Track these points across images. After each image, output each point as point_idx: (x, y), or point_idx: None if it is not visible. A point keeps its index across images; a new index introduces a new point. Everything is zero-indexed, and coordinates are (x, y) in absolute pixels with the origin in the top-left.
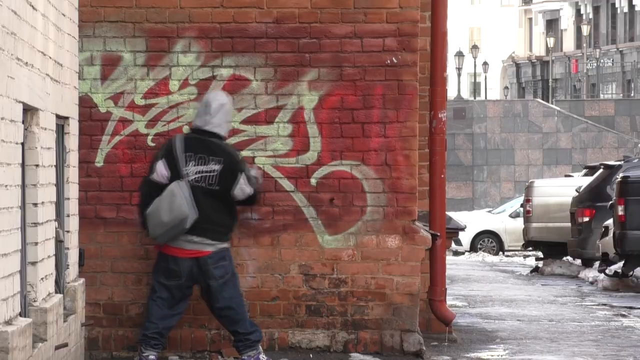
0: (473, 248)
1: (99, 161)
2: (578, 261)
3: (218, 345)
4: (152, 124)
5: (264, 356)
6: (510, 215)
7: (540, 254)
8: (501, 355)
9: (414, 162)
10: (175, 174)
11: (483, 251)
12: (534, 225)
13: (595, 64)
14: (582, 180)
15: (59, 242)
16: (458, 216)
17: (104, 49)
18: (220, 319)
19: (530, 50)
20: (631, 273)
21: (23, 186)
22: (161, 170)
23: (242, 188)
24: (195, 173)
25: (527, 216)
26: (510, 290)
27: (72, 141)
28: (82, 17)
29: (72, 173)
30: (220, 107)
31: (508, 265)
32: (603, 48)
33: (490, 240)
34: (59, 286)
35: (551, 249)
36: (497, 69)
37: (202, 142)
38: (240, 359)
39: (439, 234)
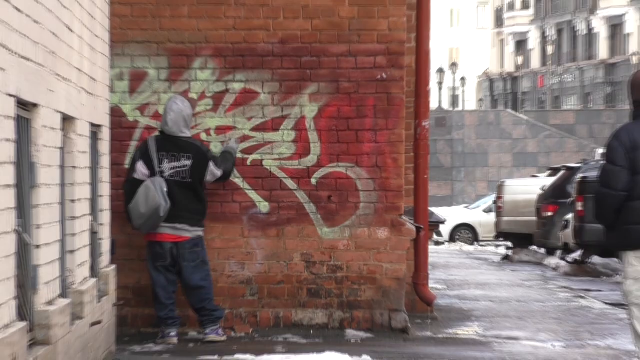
0: (452, 239)
1: (128, 163)
2: (542, 250)
3: (231, 323)
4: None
5: (222, 331)
6: (484, 210)
7: (510, 244)
8: (476, 331)
9: (401, 164)
10: (153, 172)
11: (460, 241)
12: (505, 219)
13: (558, 79)
14: (546, 180)
15: (93, 234)
16: (439, 211)
17: (132, 65)
18: (190, 297)
19: (502, 67)
20: (588, 260)
21: (62, 185)
22: (141, 169)
23: (213, 173)
24: (170, 169)
25: (499, 211)
26: (484, 275)
27: (104, 146)
28: (113, 38)
29: (105, 174)
30: (178, 113)
31: (482, 253)
32: (565, 65)
33: (467, 232)
34: (94, 271)
35: (519, 239)
36: (473, 84)
37: (171, 141)
38: (204, 333)
39: (422, 226)
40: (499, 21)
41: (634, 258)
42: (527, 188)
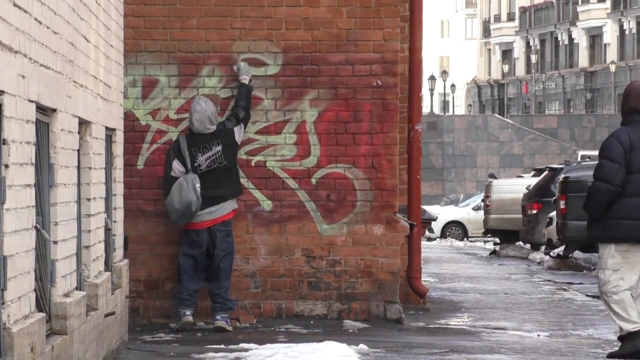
0: (443, 235)
1: (140, 164)
2: (528, 245)
3: (236, 314)
4: (183, 135)
5: (230, 322)
6: (473, 208)
7: (497, 240)
8: (465, 322)
9: (395, 165)
10: (188, 168)
11: (451, 237)
12: (492, 216)
13: (541, 86)
14: (531, 180)
15: (107, 230)
16: (431, 209)
17: (144, 73)
18: (211, 282)
19: (489, 74)
20: (570, 255)
21: (79, 185)
22: (177, 167)
23: (240, 133)
24: (206, 160)
25: (487, 209)
26: (473, 269)
27: (118, 148)
28: (127, 47)
29: (118, 174)
30: (202, 113)
31: (471, 249)
32: (548, 73)
33: (457, 228)
34: (108, 265)
35: (506, 235)
36: (463, 90)
37: (200, 136)
38: (214, 318)
39: (415, 223)
40: (486, 32)
41: (616, 251)
42: (513, 187)
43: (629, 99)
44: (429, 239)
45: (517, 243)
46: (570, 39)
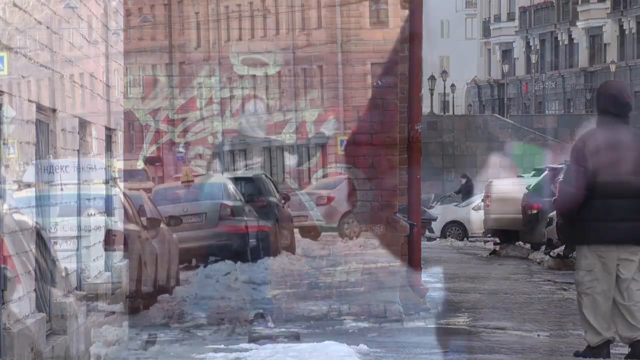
0: (443, 235)
1: (140, 164)
2: (528, 245)
3: (236, 314)
4: (183, 134)
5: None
6: (473, 208)
7: (497, 240)
8: (466, 322)
9: (395, 165)
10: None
11: (451, 237)
12: (493, 216)
13: (541, 86)
14: (531, 180)
15: (107, 230)
16: (431, 209)
17: (145, 73)
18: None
19: (489, 74)
20: (570, 255)
21: (79, 184)
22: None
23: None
24: (243, 167)
25: (487, 209)
26: (473, 269)
27: (118, 148)
28: (127, 48)
29: (118, 174)
30: (250, 116)
31: (471, 249)
32: (548, 73)
33: (457, 228)
34: (108, 265)
35: (506, 235)
36: (463, 90)
37: (246, 141)
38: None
39: (415, 223)
40: (486, 32)
41: (589, 252)
42: (513, 187)
43: (598, 101)
44: (429, 239)
45: (517, 243)
46: (570, 39)
